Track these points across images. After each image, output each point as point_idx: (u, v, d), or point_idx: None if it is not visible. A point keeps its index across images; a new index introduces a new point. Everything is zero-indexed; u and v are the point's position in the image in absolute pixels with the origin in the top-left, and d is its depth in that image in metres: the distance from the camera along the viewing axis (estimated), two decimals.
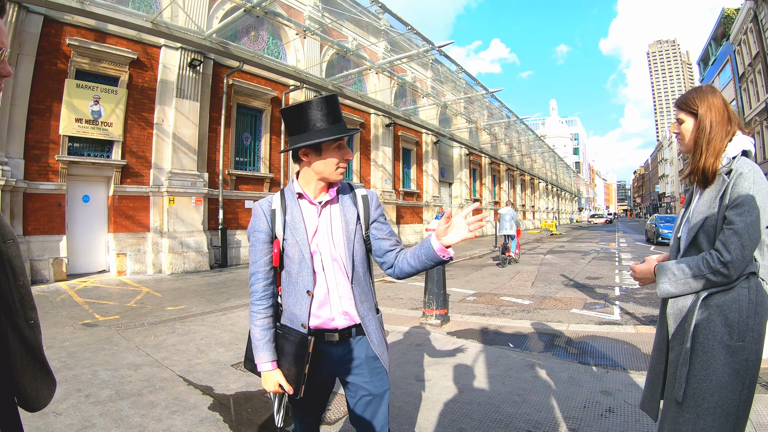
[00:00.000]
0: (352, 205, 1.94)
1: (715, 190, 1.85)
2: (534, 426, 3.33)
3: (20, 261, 1.21)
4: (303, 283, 1.82)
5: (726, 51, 36.04)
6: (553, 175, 59.71)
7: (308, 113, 1.79)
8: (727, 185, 1.79)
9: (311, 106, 1.78)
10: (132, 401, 3.80)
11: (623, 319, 6.97)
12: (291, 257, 1.84)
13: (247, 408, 3.75)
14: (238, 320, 6.84)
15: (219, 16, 13.84)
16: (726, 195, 1.79)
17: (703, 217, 1.85)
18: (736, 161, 1.83)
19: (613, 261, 15.72)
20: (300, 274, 1.82)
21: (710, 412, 1.73)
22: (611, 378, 4.32)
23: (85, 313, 7.21)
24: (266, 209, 1.88)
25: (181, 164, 12.95)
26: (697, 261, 1.80)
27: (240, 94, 15.11)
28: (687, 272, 1.82)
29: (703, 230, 1.85)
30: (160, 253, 12.34)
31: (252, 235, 1.88)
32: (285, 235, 1.84)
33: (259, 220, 1.87)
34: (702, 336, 1.78)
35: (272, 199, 1.91)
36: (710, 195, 1.86)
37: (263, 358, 1.81)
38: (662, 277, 1.91)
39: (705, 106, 1.93)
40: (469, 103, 24.78)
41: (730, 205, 1.76)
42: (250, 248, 1.89)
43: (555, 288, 10.00)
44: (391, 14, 14.84)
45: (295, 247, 1.83)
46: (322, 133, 1.77)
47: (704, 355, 1.77)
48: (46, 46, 10.50)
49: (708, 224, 1.83)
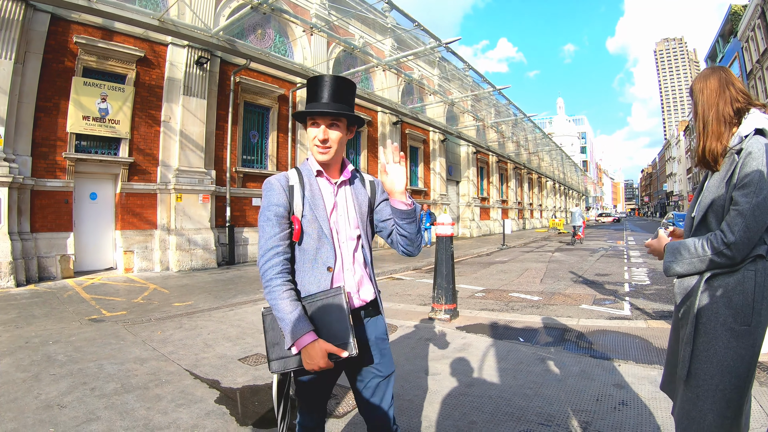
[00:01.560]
0: (363, 188, 1.97)
1: (724, 170, 1.81)
2: (546, 419, 3.26)
3: None
4: (323, 259, 1.79)
5: (734, 48, 35.65)
6: (560, 174, 59.35)
7: (310, 88, 1.87)
8: (736, 165, 1.74)
9: (315, 81, 1.84)
10: (138, 394, 3.76)
11: (633, 314, 6.87)
12: (309, 233, 1.80)
13: (254, 401, 3.70)
14: (245, 316, 6.81)
15: (226, 13, 13.85)
16: (734, 174, 1.73)
17: (712, 197, 1.81)
18: (747, 140, 1.77)
19: (622, 258, 15.58)
20: (319, 251, 1.79)
21: (710, 394, 1.72)
22: (624, 371, 4.24)
23: (92, 309, 7.20)
24: (284, 184, 1.83)
25: (189, 162, 12.95)
26: (702, 241, 1.78)
27: (247, 91, 15.10)
28: (692, 252, 1.81)
29: (712, 210, 1.81)
30: (168, 251, 12.34)
31: (268, 209, 1.79)
32: (304, 211, 1.80)
33: (277, 194, 1.80)
34: (704, 317, 1.76)
35: (288, 175, 1.87)
36: (719, 175, 1.83)
37: (303, 328, 1.64)
38: (668, 256, 1.90)
39: (698, 88, 1.93)
40: (476, 100, 24.64)
41: (737, 184, 1.71)
42: (263, 224, 1.79)
43: (564, 284, 9.90)
44: (398, 11, 14.73)
45: (314, 224, 1.80)
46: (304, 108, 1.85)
47: (706, 336, 1.75)
48: (53, 44, 10.53)
49: (717, 204, 1.79)
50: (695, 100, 1.93)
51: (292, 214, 1.81)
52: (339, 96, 1.82)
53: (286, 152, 16.42)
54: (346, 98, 1.85)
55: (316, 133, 1.80)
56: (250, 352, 4.99)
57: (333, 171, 1.90)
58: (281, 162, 16.26)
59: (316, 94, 1.83)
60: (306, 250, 1.80)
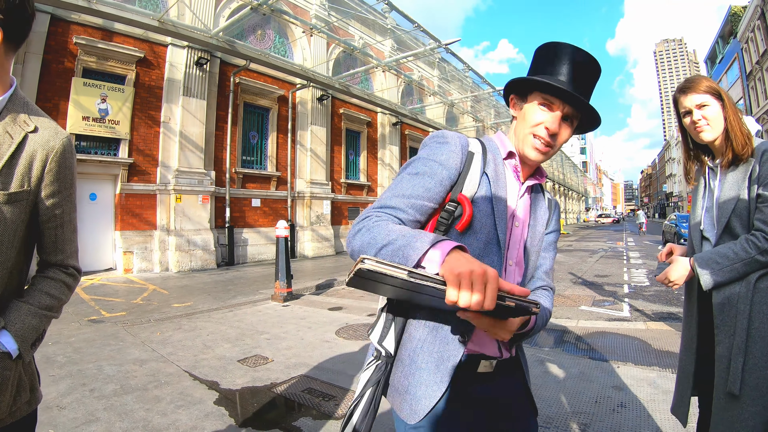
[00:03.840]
0: (544, 205, 1.44)
1: (741, 173, 1.80)
2: (545, 421, 3.26)
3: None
4: None
5: (733, 49, 35.67)
6: (560, 175, 59.38)
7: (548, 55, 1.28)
8: (754, 165, 1.75)
9: (560, 49, 1.26)
10: (137, 396, 3.77)
11: (633, 315, 6.88)
12: (476, 232, 1.21)
13: (253, 403, 3.71)
14: (244, 317, 6.81)
15: (225, 14, 13.85)
16: (754, 174, 1.74)
17: (733, 201, 1.79)
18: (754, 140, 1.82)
19: (621, 259, 15.59)
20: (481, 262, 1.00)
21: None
22: (622, 373, 4.25)
23: (92, 309, 7.20)
24: (464, 143, 1.27)
25: (188, 162, 12.95)
26: (742, 244, 1.73)
27: (247, 92, 15.10)
28: (732, 258, 1.73)
29: (735, 215, 1.79)
30: (167, 251, 12.35)
31: (424, 163, 1.21)
32: (477, 195, 1.22)
33: (450, 152, 1.23)
34: (758, 321, 1.68)
35: (469, 139, 1.31)
36: (736, 177, 1.81)
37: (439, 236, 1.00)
38: (705, 269, 1.79)
39: (723, 91, 1.89)
40: (476, 101, 24.65)
41: (762, 182, 1.71)
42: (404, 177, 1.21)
43: (563, 286, 9.90)
44: (398, 12, 14.76)
45: (487, 219, 1.22)
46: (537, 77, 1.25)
47: (763, 341, 1.66)
48: (53, 44, 10.53)
49: (740, 207, 1.77)
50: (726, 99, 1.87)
51: (458, 193, 1.21)
52: (584, 82, 1.26)
53: (286, 153, 16.42)
54: (588, 87, 1.28)
55: (544, 119, 1.24)
56: (249, 354, 4.99)
57: (524, 168, 1.35)
58: (281, 163, 16.27)
59: (555, 66, 1.25)
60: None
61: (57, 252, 1.37)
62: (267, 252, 15.02)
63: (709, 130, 1.87)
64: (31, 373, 1.35)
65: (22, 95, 1.28)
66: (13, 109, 1.22)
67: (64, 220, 1.35)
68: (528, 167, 1.34)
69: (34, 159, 1.23)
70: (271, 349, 5.17)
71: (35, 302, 1.28)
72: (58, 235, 1.35)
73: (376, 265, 0.83)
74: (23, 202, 1.22)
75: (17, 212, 1.21)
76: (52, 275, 1.36)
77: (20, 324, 1.23)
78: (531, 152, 1.26)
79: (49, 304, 1.31)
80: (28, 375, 1.32)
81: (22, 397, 1.28)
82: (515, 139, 1.32)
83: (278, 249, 8.10)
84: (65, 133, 1.31)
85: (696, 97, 1.89)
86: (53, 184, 1.28)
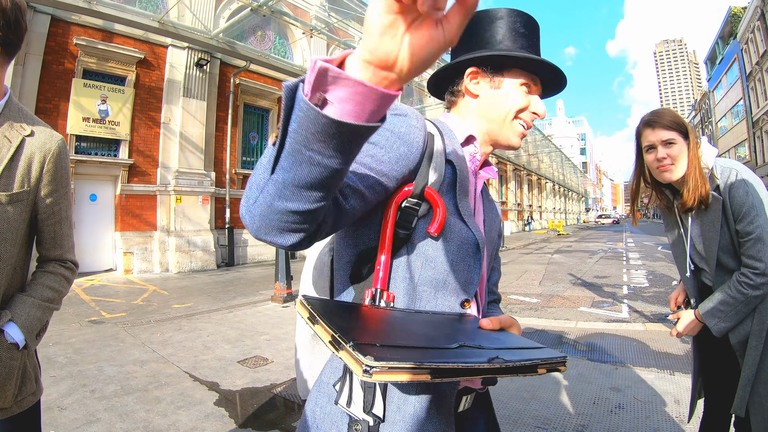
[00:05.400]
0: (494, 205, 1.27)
1: (713, 212, 1.79)
2: (543, 422, 3.28)
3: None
4: (460, 283, 0.99)
5: (733, 50, 35.74)
6: (560, 176, 59.48)
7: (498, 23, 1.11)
8: (724, 202, 1.75)
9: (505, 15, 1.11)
10: (137, 396, 3.79)
11: (632, 317, 6.89)
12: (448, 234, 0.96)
13: (252, 403, 3.73)
14: (244, 317, 6.83)
15: (226, 15, 13.87)
16: (727, 211, 1.75)
17: (716, 241, 1.80)
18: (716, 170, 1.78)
19: (621, 260, 15.60)
20: (456, 268, 0.97)
21: None
22: (620, 375, 4.27)
23: (92, 310, 7.22)
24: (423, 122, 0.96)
25: (188, 163, 12.98)
26: (735, 287, 1.75)
27: (247, 93, 15.13)
28: (732, 303, 1.76)
29: (722, 251, 1.81)
30: (167, 252, 12.37)
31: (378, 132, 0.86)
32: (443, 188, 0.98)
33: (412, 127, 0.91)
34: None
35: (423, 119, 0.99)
36: (711, 218, 1.80)
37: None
38: (712, 320, 1.83)
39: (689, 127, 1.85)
40: None
41: (736, 218, 1.73)
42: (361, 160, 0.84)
43: (563, 287, 9.92)
44: None
45: (455, 218, 0.99)
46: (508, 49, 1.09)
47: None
48: (53, 45, 10.55)
49: (724, 243, 1.79)
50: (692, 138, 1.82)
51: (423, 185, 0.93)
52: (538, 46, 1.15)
53: None
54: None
55: (530, 102, 1.11)
56: (249, 355, 5.01)
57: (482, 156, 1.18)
58: None
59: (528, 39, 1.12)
60: (434, 261, 0.95)
61: (56, 247, 1.46)
62: (267, 253, 15.04)
63: (673, 170, 1.82)
64: (34, 365, 1.43)
65: (16, 101, 1.34)
66: (10, 115, 1.29)
67: (62, 216, 1.44)
68: (485, 154, 1.17)
69: (33, 161, 1.30)
70: (270, 350, 5.19)
71: (38, 295, 1.36)
72: (57, 232, 1.44)
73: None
74: (24, 201, 1.29)
75: (19, 211, 1.28)
76: (52, 269, 1.45)
77: (26, 316, 1.31)
78: (515, 139, 1.13)
79: (51, 297, 1.40)
80: (32, 366, 1.40)
81: (28, 388, 1.36)
82: (484, 123, 1.13)
83: (278, 250, 8.11)
84: (59, 135, 1.40)
85: (663, 132, 1.82)
86: (51, 183, 1.36)
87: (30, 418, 1.41)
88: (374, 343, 0.65)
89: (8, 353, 1.27)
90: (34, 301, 1.35)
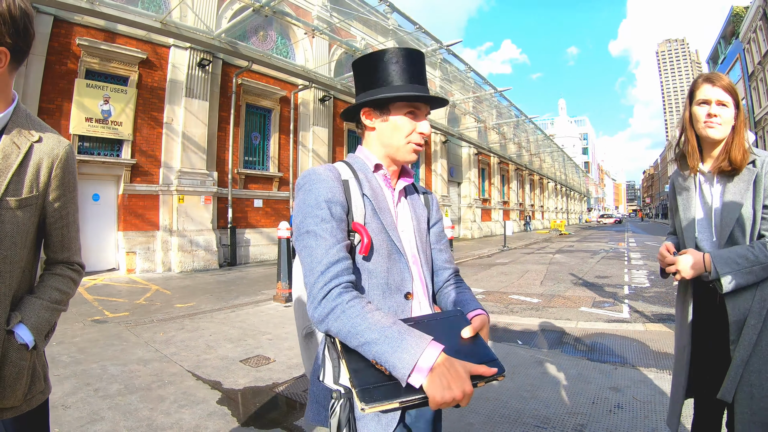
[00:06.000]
0: (420, 202, 1.55)
1: (743, 182, 1.81)
2: (542, 421, 3.31)
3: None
4: (396, 283, 1.32)
5: (735, 49, 35.68)
6: (562, 175, 59.40)
7: (381, 65, 1.35)
8: (757, 175, 1.78)
9: (386, 56, 1.35)
10: (141, 395, 3.82)
11: (632, 317, 6.91)
12: (377, 248, 1.29)
13: (255, 402, 3.76)
14: (247, 317, 6.87)
15: (228, 15, 13.91)
16: (759, 184, 1.77)
17: (737, 212, 1.79)
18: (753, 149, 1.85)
19: (622, 260, 15.60)
20: (391, 273, 1.31)
21: None
22: (620, 374, 4.29)
23: (95, 310, 7.26)
24: (335, 176, 1.30)
25: (191, 163, 13.02)
26: (760, 248, 1.70)
27: (249, 93, 15.17)
28: (752, 260, 1.69)
29: (738, 225, 1.79)
30: (170, 252, 12.41)
31: (318, 207, 1.22)
32: (367, 216, 1.30)
33: (329, 186, 1.25)
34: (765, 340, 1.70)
35: (337, 166, 1.37)
36: (739, 188, 1.81)
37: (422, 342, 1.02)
38: (725, 267, 1.71)
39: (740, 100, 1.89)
40: (478, 102, 24.73)
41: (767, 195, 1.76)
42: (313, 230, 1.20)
43: (564, 287, 9.94)
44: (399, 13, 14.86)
45: (382, 234, 1.31)
46: (393, 89, 1.33)
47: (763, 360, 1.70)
48: (56, 46, 10.60)
49: (743, 218, 1.78)
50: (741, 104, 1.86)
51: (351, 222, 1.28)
52: (423, 74, 1.41)
53: (288, 154, 16.48)
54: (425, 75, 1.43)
55: (416, 126, 1.37)
56: (252, 354, 5.04)
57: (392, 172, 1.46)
58: (283, 164, 16.33)
59: (408, 72, 1.35)
60: (374, 272, 1.29)
61: (64, 250, 1.50)
62: (269, 252, 15.09)
63: (719, 129, 1.85)
64: (43, 364, 1.46)
65: (24, 108, 1.38)
66: (18, 121, 1.33)
67: (70, 220, 1.47)
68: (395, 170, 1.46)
69: (41, 166, 1.34)
70: (273, 350, 5.22)
71: (47, 297, 1.40)
72: (65, 235, 1.48)
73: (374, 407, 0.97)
74: (33, 206, 1.33)
75: (28, 215, 1.32)
76: (59, 272, 1.49)
77: (35, 318, 1.35)
78: (411, 156, 1.40)
79: (59, 299, 1.44)
80: (40, 365, 1.44)
81: (37, 387, 1.40)
82: (383, 149, 1.41)
83: (280, 250, 8.15)
84: (67, 141, 1.44)
85: (721, 92, 1.84)
86: (59, 188, 1.40)
87: (39, 415, 1.44)
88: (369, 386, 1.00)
89: (18, 354, 1.30)
90: (43, 303, 1.38)
